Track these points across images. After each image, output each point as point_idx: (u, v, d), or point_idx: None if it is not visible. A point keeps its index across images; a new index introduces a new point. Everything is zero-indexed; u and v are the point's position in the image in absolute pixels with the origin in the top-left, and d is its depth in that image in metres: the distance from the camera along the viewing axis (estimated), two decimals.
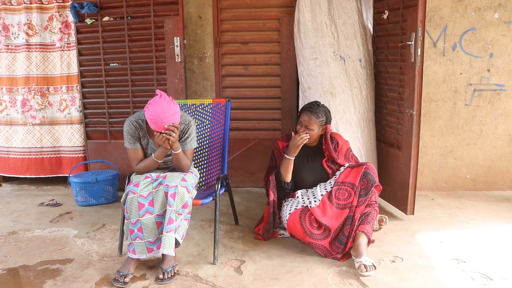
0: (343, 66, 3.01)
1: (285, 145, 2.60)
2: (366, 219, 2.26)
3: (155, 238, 2.09)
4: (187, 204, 2.10)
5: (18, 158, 3.77)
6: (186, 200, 2.09)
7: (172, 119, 2.09)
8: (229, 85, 3.59)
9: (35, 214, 3.10)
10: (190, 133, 2.28)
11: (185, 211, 2.11)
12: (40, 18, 3.62)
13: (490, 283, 1.97)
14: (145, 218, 2.08)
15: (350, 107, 2.98)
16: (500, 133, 3.42)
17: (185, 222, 2.15)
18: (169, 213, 2.03)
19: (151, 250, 2.10)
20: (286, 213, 2.39)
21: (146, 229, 2.08)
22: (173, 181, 2.09)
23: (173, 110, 2.09)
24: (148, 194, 2.09)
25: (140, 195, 2.08)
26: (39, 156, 3.76)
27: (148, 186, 2.12)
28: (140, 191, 2.09)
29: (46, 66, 3.69)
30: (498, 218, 2.85)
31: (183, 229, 2.13)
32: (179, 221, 2.10)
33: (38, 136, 3.73)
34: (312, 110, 2.47)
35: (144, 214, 2.08)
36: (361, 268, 2.05)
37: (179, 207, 2.08)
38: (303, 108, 2.54)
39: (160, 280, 2.03)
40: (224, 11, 3.49)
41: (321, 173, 2.52)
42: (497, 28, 3.28)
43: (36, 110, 3.70)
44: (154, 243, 2.09)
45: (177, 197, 2.05)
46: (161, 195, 2.08)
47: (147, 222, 2.08)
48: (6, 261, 2.30)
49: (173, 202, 2.03)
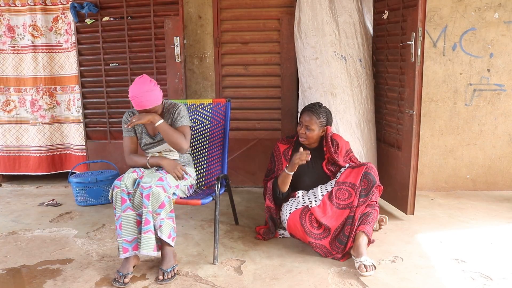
0: (344, 65, 3.01)
1: (286, 147, 2.59)
2: (367, 219, 2.26)
3: (133, 237, 2.08)
4: (164, 203, 2.06)
5: (30, 156, 3.85)
6: (162, 200, 2.05)
7: (149, 96, 2.17)
8: (229, 85, 3.59)
9: (35, 214, 3.10)
10: (179, 112, 2.32)
11: (162, 210, 2.06)
12: (44, 19, 3.67)
13: (490, 283, 1.97)
14: (126, 213, 2.08)
15: (350, 107, 2.98)
16: (500, 133, 3.42)
17: (169, 221, 2.10)
18: (145, 214, 2.03)
19: (126, 250, 2.08)
20: (286, 212, 2.39)
21: (126, 226, 2.07)
22: (148, 181, 2.07)
23: (148, 86, 2.18)
24: (132, 191, 2.11)
25: (122, 190, 2.08)
26: (50, 154, 3.85)
27: (132, 182, 2.12)
28: (123, 186, 2.09)
29: (53, 66, 3.76)
30: (498, 218, 2.85)
31: (168, 228, 2.09)
32: (160, 220, 2.06)
33: (48, 134, 3.82)
34: (313, 111, 2.46)
35: (126, 209, 2.08)
36: (361, 268, 2.05)
37: (156, 208, 2.05)
38: (304, 109, 2.53)
39: (160, 280, 2.03)
40: (224, 11, 3.49)
41: (321, 175, 2.51)
42: (497, 28, 3.28)
43: (45, 109, 3.78)
44: (131, 243, 2.08)
45: (152, 197, 2.03)
46: (138, 196, 2.08)
47: (128, 217, 2.08)
48: (6, 261, 2.30)
49: (147, 203, 2.02)
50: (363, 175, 2.34)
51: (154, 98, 2.20)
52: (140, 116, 2.20)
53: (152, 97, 2.19)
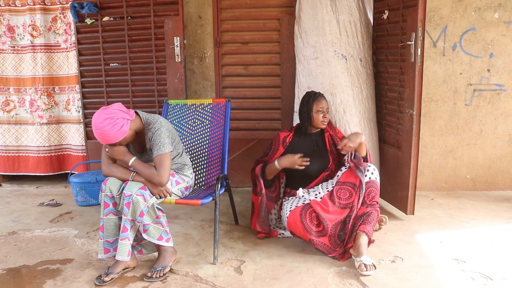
0: (345, 65, 2.99)
1: (286, 134, 2.66)
2: (367, 219, 2.26)
3: (114, 239, 2.09)
4: (143, 213, 1.99)
5: (29, 157, 3.84)
6: (141, 209, 1.99)
7: (107, 135, 1.96)
8: (229, 85, 3.59)
9: (35, 214, 3.10)
10: (154, 140, 2.07)
11: (143, 219, 2.00)
12: (43, 19, 3.66)
13: (490, 283, 1.97)
14: (108, 217, 2.07)
15: (351, 107, 2.97)
16: (500, 133, 3.42)
17: (157, 226, 2.07)
18: (123, 222, 2.01)
19: (107, 251, 2.08)
20: (287, 210, 2.39)
21: (107, 229, 2.07)
22: (130, 189, 2.01)
23: (106, 125, 1.95)
24: (116, 195, 2.07)
25: (106, 194, 2.06)
26: (48, 155, 3.83)
27: (117, 187, 2.08)
28: (108, 190, 2.06)
29: (51, 66, 3.75)
30: (498, 218, 2.85)
31: (157, 231, 2.06)
32: (144, 226, 2.02)
33: (46, 135, 3.80)
34: (323, 95, 2.63)
35: (108, 213, 2.07)
36: (361, 267, 2.05)
37: (136, 216, 2.00)
38: (316, 97, 2.60)
39: (147, 278, 2.04)
40: (224, 11, 3.49)
41: (324, 158, 2.57)
42: (497, 28, 3.28)
43: (43, 110, 3.77)
44: (112, 244, 2.09)
45: (131, 206, 1.99)
46: (122, 201, 2.04)
47: (109, 221, 2.07)
48: (6, 261, 2.30)
49: (127, 211, 1.99)
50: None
51: (114, 136, 1.98)
52: (112, 151, 2.09)
53: (111, 135, 1.97)
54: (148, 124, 2.11)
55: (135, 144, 2.21)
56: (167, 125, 2.18)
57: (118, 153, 2.09)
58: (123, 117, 2.00)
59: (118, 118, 1.98)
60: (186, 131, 2.79)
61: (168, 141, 2.10)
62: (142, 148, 2.24)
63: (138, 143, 2.21)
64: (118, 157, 2.10)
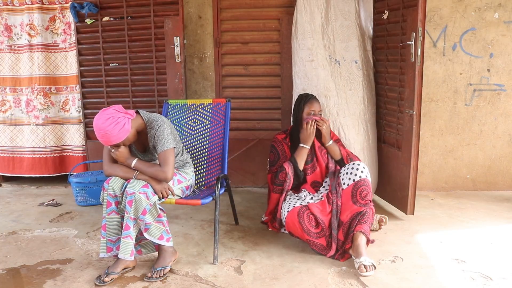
0: (338, 69, 3.05)
1: (283, 136, 2.67)
2: (362, 219, 2.26)
3: (117, 237, 2.09)
4: (145, 211, 2.01)
5: (24, 158, 3.81)
6: (143, 207, 2.00)
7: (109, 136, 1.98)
8: (229, 85, 3.59)
9: (35, 214, 3.10)
10: (158, 136, 2.10)
11: (145, 217, 2.01)
12: (41, 18, 3.63)
13: (490, 283, 1.97)
14: (111, 216, 2.08)
15: (344, 110, 3.01)
16: (500, 133, 3.42)
17: (158, 225, 2.07)
18: (126, 220, 2.01)
19: (110, 250, 2.09)
20: (285, 210, 2.39)
21: (110, 228, 2.08)
22: (132, 187, 2.01)
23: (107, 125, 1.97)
24: (119, 194, 2.08)
25: (109, 193, 2.07)
26: (43, 156, 3.78)
27: (120, 186, 2.08)
28: (111, 189, 2.07)
29: (48, 66, 3.71)
30: (498, 218, 2.85)
31: (158, 231, 2.07)
32: (145, 224, 2.03)
33: (41, 136, 3.75)
34: (316, 98, 2.62)
35: (111, 212, 2.08)
36: (361, 268, 2.05)
37: (138, 214, 2.01)
38: (308, 99, 2.60)
39: (147, 278, 2.04)
40: (224, 11, 3.49)
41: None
42: (497, 28, 3.28)
43: (39, 110, 3.73)
44: (115, 243, 2.10)
45: (134, 204, 1.99)
46: (124, 200, 2.05)
47: (112, 220, 2.08)
48: (6, 261, 2.30)
49: (129, 209, 2.00)
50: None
51: (117, 135, 1.99)
52: (115, 153, 2.09)
53: (113, 134, 1.98)
54: (150, 122, 2.14)
55: (137, 143, 2.23)
56: (168, 122, 2.22)
57: (122, 156, 2.11)
58: (124, 116, 2.02)
59: (119, 117, 2.00)
60: (186, 131, 2.79)
61: (171, 137, 2.14)
62: (143, 148, 2.25)
63: (139, 142, 2.22)
64: (121, 160, 2.12)
